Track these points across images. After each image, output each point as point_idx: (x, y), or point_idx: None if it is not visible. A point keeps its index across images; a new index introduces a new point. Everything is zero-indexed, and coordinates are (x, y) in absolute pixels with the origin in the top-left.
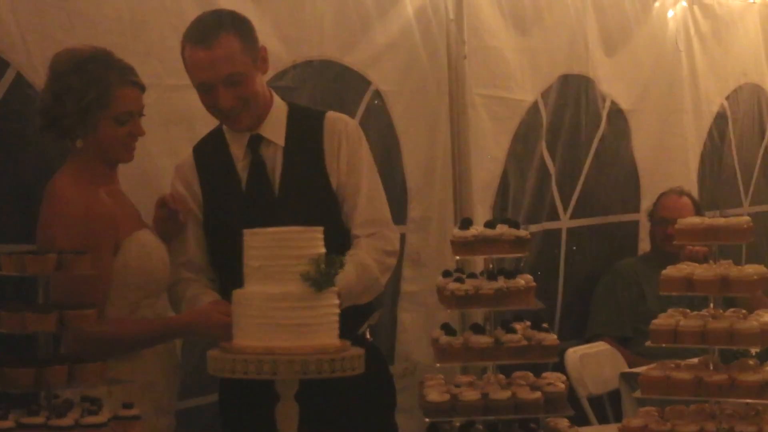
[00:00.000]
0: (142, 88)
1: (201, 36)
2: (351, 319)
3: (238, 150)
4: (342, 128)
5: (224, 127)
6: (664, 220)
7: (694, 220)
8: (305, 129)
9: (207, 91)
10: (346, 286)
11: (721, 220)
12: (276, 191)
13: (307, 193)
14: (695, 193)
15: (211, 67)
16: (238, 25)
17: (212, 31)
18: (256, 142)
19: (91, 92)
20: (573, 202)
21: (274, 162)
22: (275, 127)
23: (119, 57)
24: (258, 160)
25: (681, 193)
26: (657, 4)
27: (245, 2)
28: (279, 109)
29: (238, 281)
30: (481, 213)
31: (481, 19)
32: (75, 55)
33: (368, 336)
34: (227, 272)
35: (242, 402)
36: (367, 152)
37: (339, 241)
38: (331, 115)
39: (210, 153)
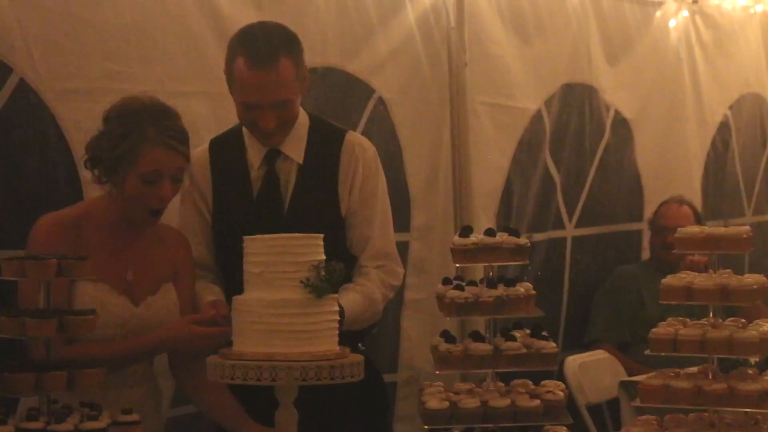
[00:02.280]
0: (183, 154)
1: (260, 56)
2: (350, 334)
3: (255, 158)
4: (360, 154)
5: (244, 129)
6: (664, 228)
7: (694, 229)
8: (324, 149)
9: (250, 109)
10: (353, 315)
11: (721, 230)
12: (285, 207)
13: (316, 214)
14: (699, 202)
15: (266, 91)
16: (294, 47)
17: (272, 52)
18: (274, 156)
19: (125, 144)
20: (578, 211)
21: (288, 177)
22: (296, 143)
23: (176, 118)
24: (272, 174)
25: (681, 201)
26: (658, 14)
27: (249, 9)
28: (302, 123)
29: (240, 286)
30: (485, 221)
31: (482, 27)
32: (129, 104)
33: (360, 344)
34: (232, 277)
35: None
36: (382, 182)
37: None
38: (351, 137)
39: (227, 153)
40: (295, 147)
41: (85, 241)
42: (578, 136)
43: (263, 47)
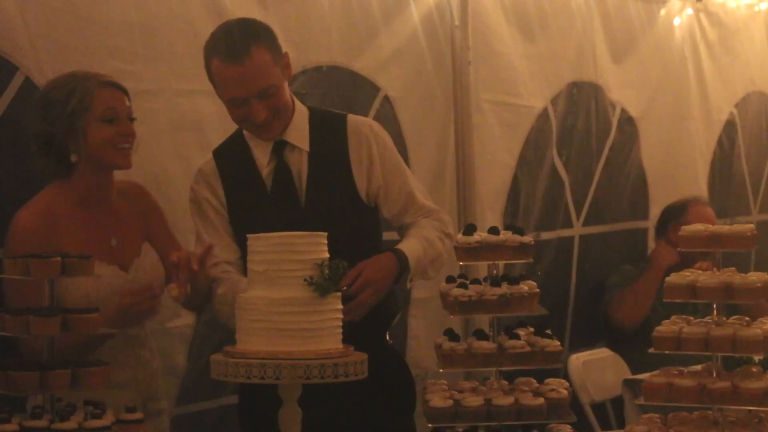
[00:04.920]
0: (125, 91)
1: (231, 51)
2: (378, 322)
3: (261, 155)
4: (368, 132)
5: (245, 132)
6: None
7: (699, 227)
8: (328, 133)
9: (239, 106)
10: (415, 260)
11: (725, 228)
12: (303, 197)
13: (335, 199)
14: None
15: (246, 82)
16: (265, 35)
17: (242, 44)
18: (281, 148)
19: (73, 99)
20: (585, 210)
21: (300, 167)
22: (299, 132)
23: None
24: (283, 166)
25: (709, 205)
26: (663, 12)
27: (254, 8)
28: (301, 113)
29: None
30: (491, 219)
31: (487, 25)
32: (56, 79)
33: (388, 338)
34: None
35: (263, 403)
36: (396, 150)
37: (364, 247)
38: (353, 118)
39: (232, 158)
40: (299, 135)
41: (63, 225)
42: (585, 134)
43: (232, 42)
